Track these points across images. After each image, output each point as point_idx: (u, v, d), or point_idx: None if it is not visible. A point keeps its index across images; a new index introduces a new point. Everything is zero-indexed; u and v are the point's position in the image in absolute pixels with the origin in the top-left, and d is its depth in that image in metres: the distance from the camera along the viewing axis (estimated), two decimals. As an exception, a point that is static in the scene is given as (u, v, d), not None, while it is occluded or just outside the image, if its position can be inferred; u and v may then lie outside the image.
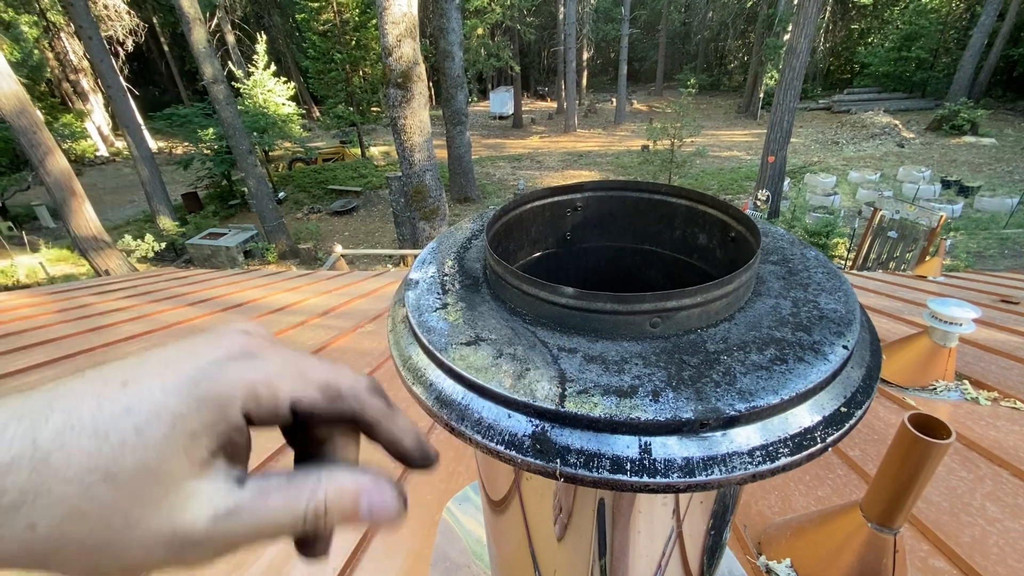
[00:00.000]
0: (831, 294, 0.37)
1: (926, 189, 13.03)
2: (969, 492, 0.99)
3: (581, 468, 0.27)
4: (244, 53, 23.12)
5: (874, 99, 24.04)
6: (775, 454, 0.27)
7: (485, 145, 22.26)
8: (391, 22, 6.68)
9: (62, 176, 8.12)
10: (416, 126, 7.34)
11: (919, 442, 0.63)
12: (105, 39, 14.05)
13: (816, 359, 0.30)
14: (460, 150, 14.23)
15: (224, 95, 11.20)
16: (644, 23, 34.01)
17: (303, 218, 14.85)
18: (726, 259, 0.46)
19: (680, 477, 0.26)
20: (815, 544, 0.82)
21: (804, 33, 11.09)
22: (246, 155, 11.81)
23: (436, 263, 0.45)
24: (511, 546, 0.50)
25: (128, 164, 18.52)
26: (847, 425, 0.29)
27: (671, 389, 0.28)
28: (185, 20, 10.67)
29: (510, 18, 20.97)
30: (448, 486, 1.07)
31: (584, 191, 0.51)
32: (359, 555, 0.90)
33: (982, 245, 10.31)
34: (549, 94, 33.65)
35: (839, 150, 18.04)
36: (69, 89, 22.34)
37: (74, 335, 2.12)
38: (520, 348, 0.33)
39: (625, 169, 17.28)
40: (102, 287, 3.39)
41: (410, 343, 0.37)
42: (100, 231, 8.85)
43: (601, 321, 0.33)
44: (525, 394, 0.29)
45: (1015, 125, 19.17)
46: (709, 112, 26.89)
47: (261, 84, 15.95)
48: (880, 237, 6.12)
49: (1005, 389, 1.32)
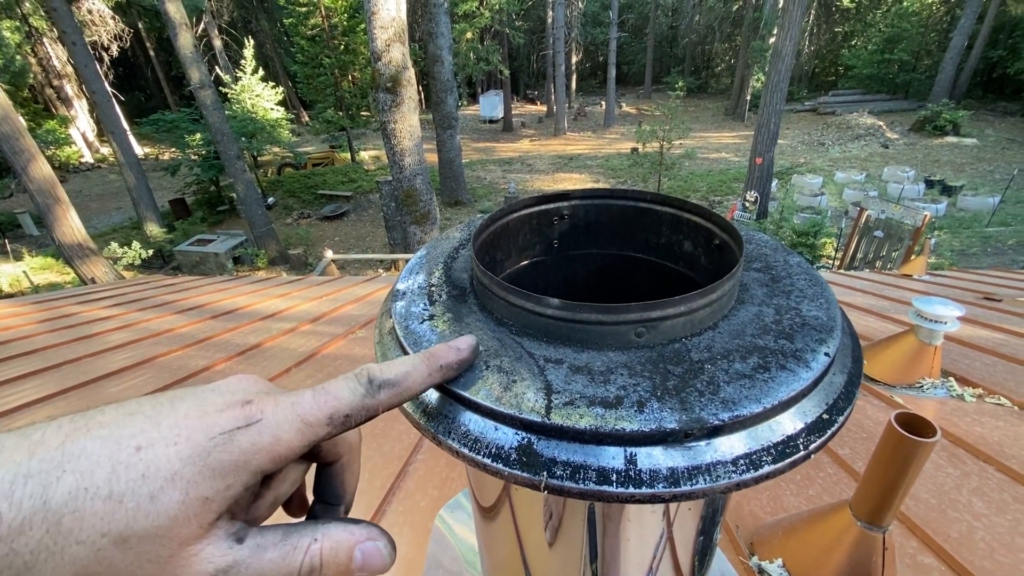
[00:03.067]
0: (813, 301, 0.37)
1: (910, 189, 13.23)
2: (956, 488, 1.01)
3: (567, 480, 0.27)
4: (231, 58, 22.98)
5: (858, 101, 24.40)
6: (758, 462, 0.27)
7: (475, 149, 22.27)
8: (380, 26, 6.67)
9: (46, 183, 8.00)
10: (406, 130, 7.33)
11: (905, 441, 0.63)
12: (89, 44, 13.90)
13: (798, 367, 0.31)
14: (450, 154, 14.22)
15: (211, 100, 11.11)
16: (632, 27, 34.30)
17: (293, 223, 14.75)
18: (711, 266, 0.47)
19: (665, 487, 0.26)
20: (806, 543, 0.82)
21: (789, 36, 11.23)
22: (234, 160, 11.71)
23: (423, 273, 0.45)
24: (502, 553, 0.50)
25: (114, 170, 18.28)
26: (829, 432, 0.29)
27: (656, 399, 0.28)
28: (171, 25, 10.57)
29: (499, 22, 21.05)
30: (442, 493, 1.07)
31: (571, 199, 0.51)
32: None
33: (965, 243, 10.48)
34: (539, 98, 33.76)
35: (825, 151, 18.28)
36: (53, 95, 22.05)
37: (59, 345, 2.09)
38: (507, 359, 0.33)
39: (615, 172, 17.37)
40: (88, 295, 3.34)
41: (397, 355, 0.37)
42: (85, 238, 8.72)
43: (587, 332, 0.33)
44: (511, 406, 0.29)
45: (995, 125, 19.54)
46: (697, 115, 27.13)
47: (249, 89, 15.84)
48: (867, 237, 6.20)
49: (990, 385, 1.35)
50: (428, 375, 0.30)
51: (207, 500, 0.23)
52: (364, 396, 0.28)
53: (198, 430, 0.24)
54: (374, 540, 0.28)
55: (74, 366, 1.84)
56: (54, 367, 1.82)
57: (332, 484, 0.34)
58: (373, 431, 1.29)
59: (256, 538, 0.25)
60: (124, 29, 18.97)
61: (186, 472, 0.23)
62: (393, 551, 0.29)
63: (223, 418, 0.25)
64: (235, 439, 0.25)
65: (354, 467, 0.35)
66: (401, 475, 1.13)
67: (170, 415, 0.25)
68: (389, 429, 1.28)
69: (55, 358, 1.90)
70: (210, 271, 11.43)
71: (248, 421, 0.25)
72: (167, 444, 0.23)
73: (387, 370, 0.29)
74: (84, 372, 1.76)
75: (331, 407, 0.27)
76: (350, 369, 0.29)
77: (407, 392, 0.30)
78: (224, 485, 0.24)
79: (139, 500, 0.22)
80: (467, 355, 0.32)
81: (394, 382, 0.29)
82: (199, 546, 0.23)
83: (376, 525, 0.29)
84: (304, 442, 0.26)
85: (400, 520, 1.00)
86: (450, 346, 0.32)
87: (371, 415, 0.29)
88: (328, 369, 1.71)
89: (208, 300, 2.84)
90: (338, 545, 0.27)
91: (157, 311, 2.63)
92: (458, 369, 0.31)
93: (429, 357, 0.31)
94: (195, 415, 0.25)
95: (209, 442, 0.24)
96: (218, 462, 0.24)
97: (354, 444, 0.35)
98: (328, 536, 0.27)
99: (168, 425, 0.24)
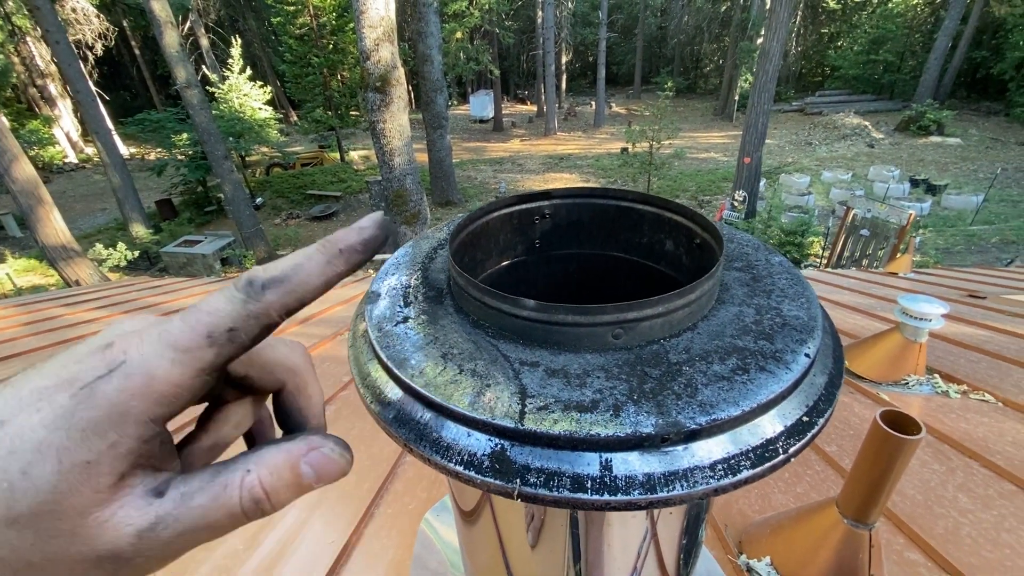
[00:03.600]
0: (794, 300, 0.37)
1: (896, 188, 13.40)
2: (941, 484, 1.01)
3: (541, 488, 0.26)
4: (219, 57, 22.74)
5: (845, 101, 24.71)
6: (737, 467, 0.26)
7: (466, 149, 22.23)
8: (368, 26, 6.63)
9: (29, 183, 7.87)
10: (396, 130, 7.30)
11: (891, 439, 0.63)
12: (73, 43, 13.70)
13: (778, 368, 0.30)
14: (441, 154, 14.18)
15: (198, 99, 10.98)
16: (621, 27, 34.44)
17: (282, 224, 14.63)
18: (692, 266, 0.46)
19: (641, 494, 0.25)
20: (794, 542, 0.83)
21: (776, 37, 11.33)
22: (222, 160, 11.59)
23: (400, 274, 0.44)
24: (484, 556, 0.50)
25: (99, 171, 18.00)
26: (810, 434, 0.28)
27: (632, 403, 0.28)
28: (156, 23, 10.44)
29: (489, 22, 21.03)
30: (430, 495, 1.06)
31: (552, 198, 0.50)
32: (339, 568, 0.88)
33: (950, 242, 10.64)
34: (529, 97, 33.80)
35: (812, 151, 18.47)
36: (36, 94, 21.72)
37: (43, 348, 2.05)
38: (481, 363, 0.32)
39: (605, 172, 17.42)
40: (72, 298, 3.29)
41: (370, 359, 0.36)
42: (70, 240, 8.59)
43: (563, 333, 0.33)
44: (484, 412, 0.28)
45: (979, 125, 19.86)
46: (686, 115, 27.29)
47: (236, 88, 15.69)
48: (853, 235, 6.27)
49: (974, 382, 1.36)
50: (326, 263, 0.25)
51: (89, 464, 0.21)
52: (246, 302, 0.24)
53: (58, 389, 0.22)
54: (317, 448, 0.25)
55: (55, 370, 1.80)
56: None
57: (290, 412, 0.31)
58: (361, 434, 1.28)
59: (180, 487, 0.23)
60: (109, 28, 18.73)
61: (53, 439, 0.20)
62: (347, 451, 0.26)
63: (82, 369, 0.22)
64: (98, 390, 0.22)
65: (308, 389, 0.31)
66: (389, 478, 1.12)
67: (34, 379, 0.22)
68: (377, 432, 1.27)
69: (38, 362, 1.86)
70: (198, 273, 11.29)
71: (109, 367, 0.22)
72: (30, 412, 0.21)
73: (272, 267, 0.25)
74: None
75: (206, 324, 0.23)
76: (338, 370, 0.28)
77: (301, 287, 0.25)
78: (106, 444, 0.21)
79: (11, 479, 0.20)
80: (372, 232, 0.26)
81: (281, 278, 0.24)
82: (107, 511, 0.21)
83: (318, 431, 0.26)
84: (189, 372, 0.23)
85: (388, 523, 0.99)
86: (352, 227, 0.27)
87: (265, 323, 0.24)
88: (318, 372, 1.69)
89: (196, 302, 2.80)
90: (277, 468, 0.24)
91: (144, 313, 2.59)
92: (363, 251, 0.26)
93: (324, 243, 0.26)
94: (55, 373, 0.22)
95: (71, 400, 0.21)
96: (87, 420, 0.21)
97: (296, 365, 0.31)
98: (262, 462, 0.24)
99: (30, 391, 0.22)
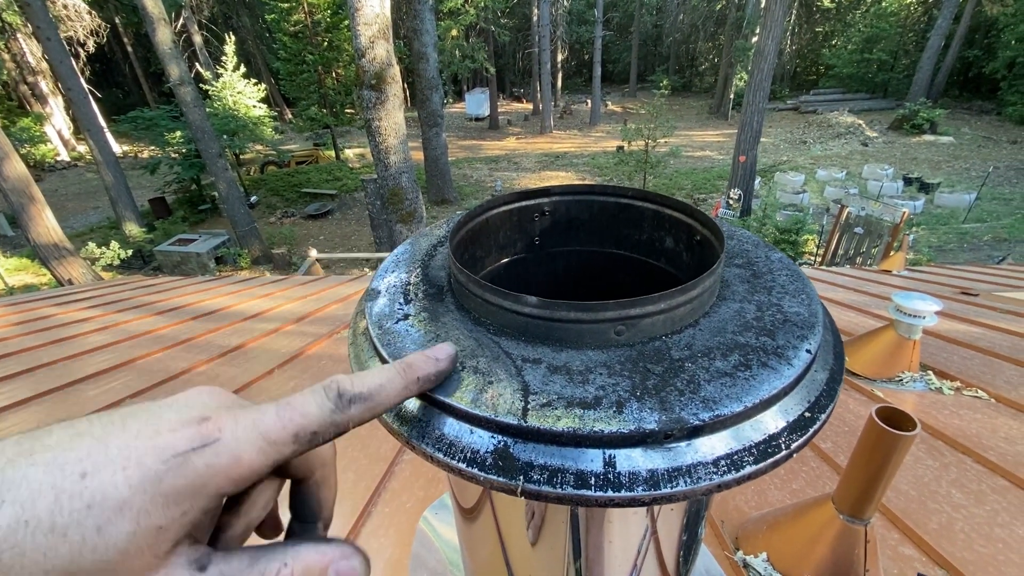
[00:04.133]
0: (794, 297, 0.37)
1: (889, 186, 13.49)
2: (935, 480, 1.02)
3: (544, 484, 0.26)
4: (212, 54, 22.59)
5: (839, 99, 24.81)
6: (740, 463, 0.26)
7: (462, 147, 22.19)
8: (363, 23, 6.59)
9: (20, 182, 7.78)
10: (391, 128, 7.27)
11: (886, 435, 0.64)
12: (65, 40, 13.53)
13: (780, 364, 0.30)
14: (436, 152, 14.15)
15: (192, 97, 10.90)
16: (617, 25, 34.42)
17: (276, 222, 14.55)
18: (693, 262, 0.46)
19: (645, 490, 0.25)
20: (790, 538, 0.83)
21: (771, 36, 11.37)
22: (216, 158, 11.51)
23: (400, 271, 0.44)
24: (484, 554, 0.50)
25: (91, 169, 17.83)
26: (812, 430, 0.28)
27: (635, 399, 0.28)
28: (149, 20, 10.34)
29: (484, 20, 20.95)
30: (428, 493, 1.06)
31: (551, 195, 0.50)
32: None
33: (942, 240, 10.72)
34: (525, 96, 33.73)
35: (807, 149, 18.55)
36: (27, 91, 21.46)
37: (35, 348, 2.03)
38: (483, 360, 0.32)
39: (601, 170, 17.43)
40: (65, 297, 3.26)
41: (371, 356, 0.36)
42: (62, 239, 8.50)
43: (565, 330, 0.33)
44: (487, 409, 0.28)
45: (971, 123, 20.00)
46: (682, 113, 27.34)
47: (230, 86, 15.57)
48: (847, 233, 6.31)
49: (967, 378, 1.37)
50: (404, 387, 0.29)
51: (161, 529, 0.22)
52: (333, 412, 0.26)
53: (149, 452, 0.22)
54: (348, 559, 0.26)
55: (50, 369, 1.79)
56: (29, 370, 1.77)
57: (307, 501, 0.33)
58: (358, 432, 1.27)
59: (220, 565, 0.24)
60: (101, 24, 18.53)
61: (136, 500, 0.21)
62: (368, 569, 0.27)
63: (177, 438, 0.23)
64: (190, 461, 0.23)
65: (330, 482, 0.33)
66: (387, 476, 1.12)
67: (120, 435, 0.23)
68: (374, 429, 1.27)
69: (30, 361, 1.85)
70: (192, 271, 11.22)
71: (204, 441, 0.23)
72: (115, 469, 0.21)
73: (359, 383, 0.27)
74: (61, 375, 1.71)
75: (297, 424, 0.25)
76: (336, 370, 0.28)
77: (380, 406, 0.28)
78: (180, 512, 0.22)
79: (85, 533, 0.20)
80: (445, 365, 0.30)
81: (366, 396, 0.27)
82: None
83: (351, 543, 0.27)
84: (268, 462, 0.25)
85: (386, 522, 0.98)
86: (427, 356, 0.30)
87: (340, 431, 0.27)
88: (313, 370, 1.68)
89: (189, 301, 2.79)
90: (309, 568, 0.25)
91: (136, 312, 2.57)
92: (436, 380, 0.30)
93: (405, 368, 0.29)
94: (147, 435, 0.23)
95: (162, 465, 0.22)
96: (172, 487, 0.22)
97: (328, 458, 0.33)
98: (298, 559, 0.25)
99: (117, 447, 0.22)
